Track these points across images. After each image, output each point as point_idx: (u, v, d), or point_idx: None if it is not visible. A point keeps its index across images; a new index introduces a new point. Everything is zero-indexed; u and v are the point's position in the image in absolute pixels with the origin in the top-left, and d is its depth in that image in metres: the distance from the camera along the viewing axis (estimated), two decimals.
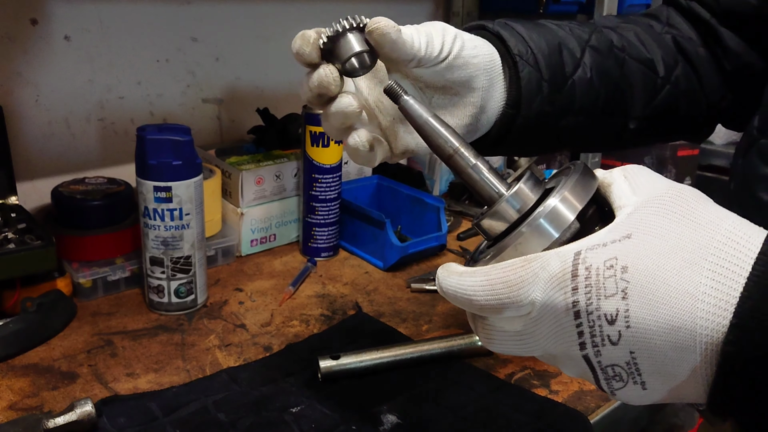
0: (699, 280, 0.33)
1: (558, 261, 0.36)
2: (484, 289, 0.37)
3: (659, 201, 0.36)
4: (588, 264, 0.35)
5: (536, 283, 0.36)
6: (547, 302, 0.36)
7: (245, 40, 1.22)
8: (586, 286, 0.35)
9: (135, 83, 1.11)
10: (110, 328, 0.85)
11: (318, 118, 1.01)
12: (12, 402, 0.70)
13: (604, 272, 0.34)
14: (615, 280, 0.34)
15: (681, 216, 0.35)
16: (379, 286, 0.99)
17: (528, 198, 0.40)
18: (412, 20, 0.54)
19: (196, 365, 0.78)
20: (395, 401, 0.71)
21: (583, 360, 0.36)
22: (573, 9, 1.42)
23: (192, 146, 0.85)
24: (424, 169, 1.36)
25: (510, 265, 0.37)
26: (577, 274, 0.35)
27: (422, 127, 0.44)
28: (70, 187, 0.97)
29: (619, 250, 0.35)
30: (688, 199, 0.36)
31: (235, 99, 1.24)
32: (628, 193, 0.37)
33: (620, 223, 0.36)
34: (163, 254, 0.86)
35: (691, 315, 0.33)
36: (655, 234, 0.34)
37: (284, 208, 1.10)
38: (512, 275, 0.36)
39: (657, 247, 0.34)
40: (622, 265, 0.34)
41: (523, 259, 0.37)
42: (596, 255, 0.35)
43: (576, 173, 0.40)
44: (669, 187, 0.37)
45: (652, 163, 1.42)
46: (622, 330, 0.34)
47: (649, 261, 0.34)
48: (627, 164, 0.41)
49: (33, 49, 1.00)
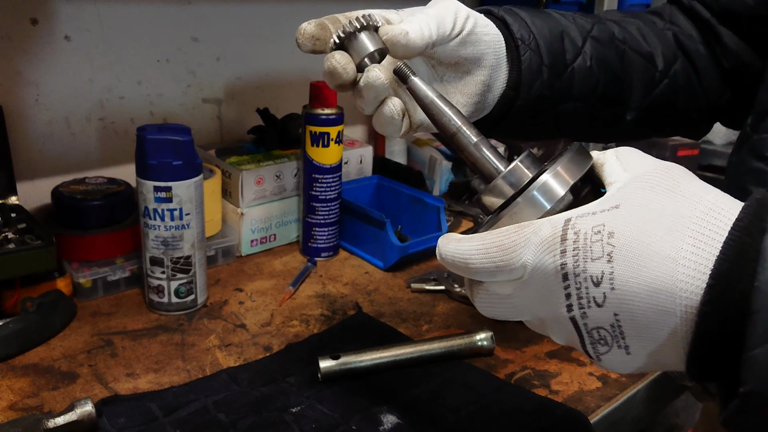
0: (680, 245, 0.34)
1: (549, 226, 0.38)
2: (480, 253, 0.40)
3: (647, 176, 0.38)
4: (577, 229, 0.37)
5: (528, 247, 0.38)
6: (537, 265, 0.38)
7: (246, 40, 1.22)
8: (574, 249, 0.37)
9: (135, 83, 1.11)
10: (110, 328, 0.85)
11: (318, 119, 1.01)
12: (12, 402, 0.70)
13: (591, 237, 0.36)
14: (602, 244, 0.36)
15: (667, 189, 0.37)
16: (380, 286, 0.99)
17: (524, 174, 0.43)
18: None
19: (196, 365, 0.78)
20: (395, 401, 0.71)
21: (570, 322, 0.38)
22: (573, 9, 1.42)
23: (192, 146, 0.85)
24: (424, 169, 1.36)
25: (504, 231, 0.39)
26: (566, 238, 0.37)
27: (428, 106, 0.47)
28: (70, 187, 0.97)
29: (607, 217, 0.36)
30: (674, 174, 0.38)
31: (235, 99, 1.24)
32: (619, 170, 0.40)
33: (610, 195, 0.38)
34: (163, 254, 0.86)
35: (671, 278, 0.34)
36: (642, 204, 0.36)
37: (284, 208, 1.10)
38: (506, 239, 0.39)
39: (643, 215, 0.36)
40: (608, 230, 0.36)
41: (516, 225, 0.39)
42: (585, 221, 0.37)
43: (571, 152, 0.42)
44: (657, 164, 0.39)
45: None
46: (606, 292, 0.36)
47: (634, 227, 0.35)
48: None
49: (33, 49, 1.00)
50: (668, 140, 1.41)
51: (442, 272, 0.99)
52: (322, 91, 1.01)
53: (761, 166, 0.57)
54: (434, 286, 0.97)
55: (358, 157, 1.23)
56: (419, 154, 1.39)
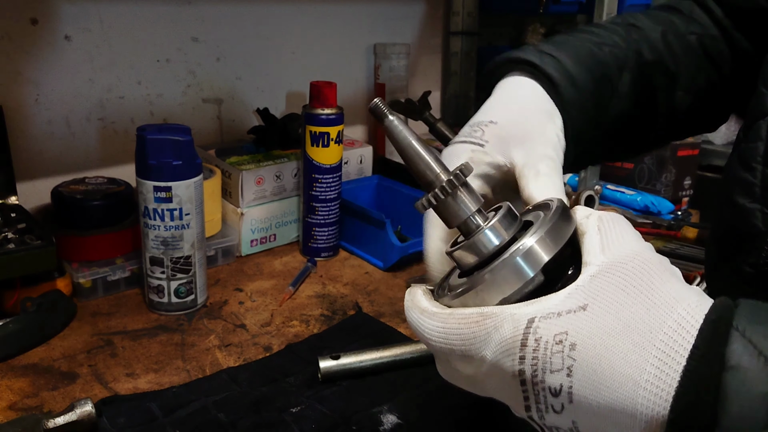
0: (644, 366, 0.33)
1: (511, 325, 0.36)
2: (440, 336, 0.39)
3: (622, 270, 0.36)
4: (538, 336, 0.35)
5: (488, 343, 0.37)
6: (495, 363, 0.37)
7: (245, 40, 1.22)
8: (533, 358, 0.35)
9: (135, 83, 1.11)
10: (110, 328, 0.85)
11: (318, 119, 1.01)
12: (12, 402, 0.70)
13: (552, 346, 0.35)
14: (562, 356, 0.35)
15: (639, 292, 0.35)
16: (380, 286, 0.99)
17: (500, 236, 0.40)
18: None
19: (196, 365, 0.78)
20: (395, 401, 0.71)
21: (529, 418, 0.38)
22: (573, 9, 1.42)
23: (192, 146, 0.85)
24: None
25: (466, 318, 0.38)
26: (526, 344, 0.35)
27: (405, 149, 0.43)
28: (70, 187, 0.97)
29: (572, 323, 0.35)
30: (651, 272, 0.36)
31: (235, 99, 1.24)
32: (597, 249, 0.38)
33: (580, 287, 0.36)
34: (163, 254, 0.86)
35: (632, 401, 0.33)
36: (610, 310, 0.35)
37: (284, 208, 1.10)
38: (466, 330, 0.38)
39: (609, 325, 0.34)
40: (571, 341, 0.34)
41: (479, 314, 0.37)
42: (548, 326, 0.35)
43: (552, 219, 0.39)
44: (636, 254, 0.37)
45: (653, 163, 1.42)
46: (564, 403, 0.35)
47: (598, 340, 0.34)
48: (605, 210, 0.41)
49: (33, 49, 1.00)
50: None
51: None
52: (322, 91, 1.01)
53: (748, 177, 0.55)
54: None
55: (358, 157, 1.23)
56: None
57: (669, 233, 1.20)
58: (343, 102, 1.04)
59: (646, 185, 1.44)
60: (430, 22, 1.51)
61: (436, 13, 1.51)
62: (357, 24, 1.37)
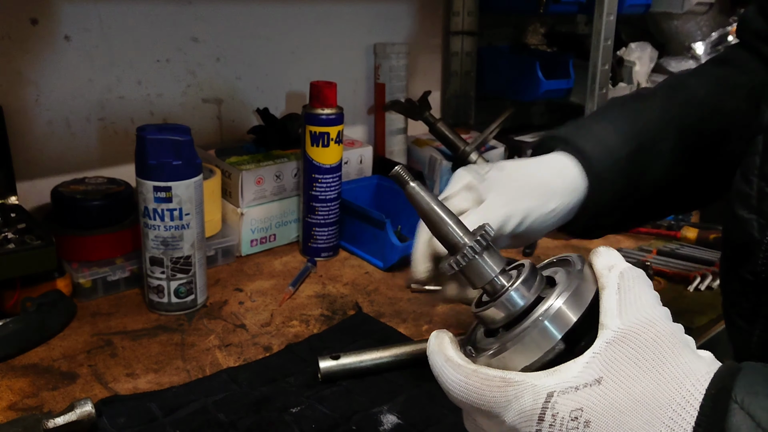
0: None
1: (531, 398, 0.38)
2: (461, 389, 0.41)
3: (636, 341, 0.37)
4: (556, 411, 0.37)
5: (508, 409, 0.39)
6: (514, 427, 0.39)
7: (245, 40, 1.22)
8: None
9: (135, 83, 1.11)
10: (110, 328, 0.85)
11: (318, 119, 1.01)
12: (12, 402, 0.70)
13: (568, 423, 0.37)
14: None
15: (651, 366, 0.37)
16: (380, 286, 0.99)
17: (525, 297, 0.42)
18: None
19: (196, 365, 0.78)
20: (395, 401, 0.71)
21: None
22: (573, 9, 1.42)
23: (192, 146, 0.85)
24: (424, 169, 1.36)
25: (489, 380, 0.40)
26: (544, 419, 0.37)
27: (427, 214, 0.45)
28: (70, 187, 0.97)
29: (587, 399, 0.37)
30: (663, 345, 0.37)
31: (235, 99, 1.24)
32: (614, 312, 0.39)
33: (597, 355, 0.38)
34: (163, 254, 0.86)
35: None
36: (622, 385, 0.37)
37: (284, 208, 1.10)
38: (488, 392, 0.39)
39: (621, 402, 0.36)
40: (585, 418, 0.36)
41: (501, 379, 0.39)
42: (565, 402, 0.37)
43: (573, 283, 0.41)
44: (651, 323, 0.38)
45: None
46: None
47: (611, 418, 0.36)
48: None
49: (33, 49, 1.00)
50: None
51: None
52: (322, 91, 1.01)
53: (746, 189, 0.56)
54: (434, 286, 0.97)
55: (358, 157, 1.23)
56: (419, 154, 1.39)
57: (669, 233, 1.20)
58: (343, 102, 1.04)
59: None
60: (430, 22, 1.50)
61: (436, 13, 1.51)
62: (357, 24, 1.37)
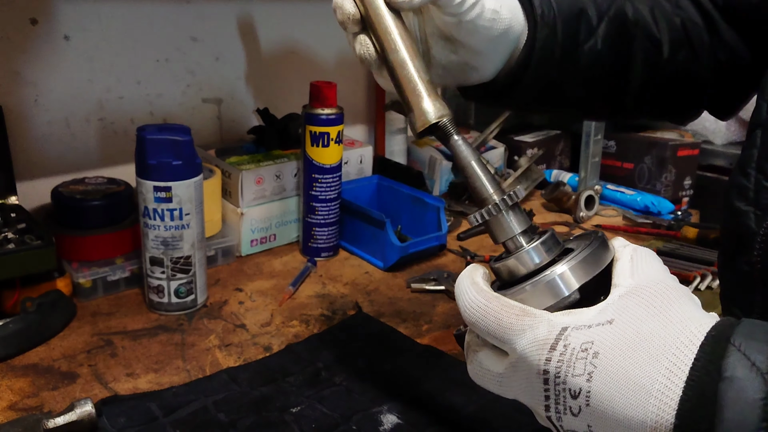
0: (656, 377, 0.36)
1: (546, 328, 0.40)
2: (479, 312, 0.43)
3: (646, 292, 0.40)
4: (568, 342, 0.39)
5: (521, 337, 0.41)
6: (524, 356, 0.41)
7: (245, 40, 1.22)
8: (559, 361, 0.39)
9: (135, 83, 1.11)
10: (110, 328, 0.85)
11: (318, 119, 1.01)
12: (12, 402, 0.70)
13: (578, 353, 0.39)
14: (585, 363, 0.38)
15: (659, 310, 0.39)
16: (379, 286, 0.99)
17: (541, 257, 0.46)
18: None
19: (196, 365, 0.78)
20: (395, 401, 0.71)
21: (547, 420, 0.41)
22: None
23: (192, 146, 0.85)
24: (424, 169, 1.36)
25: (509, 307, 0.42)
26: (556, 347, 0.39)
27: (465, 168, 0.48)
28: (70, 187, 0.97)
29: (598, 334, 0.39)
30: (671, 295, 0.40)
31: (235, 99, 1.24)
32: (627, 274, 0.42)
33: (610, 304, 0.40)
34: (163, 254, 0.86)
35: (643, 408, 0.36)
36: (632, 324, 0.39)
37: (284, 208, 1.10)
38: (505, 318, 0.42)
39: (629, 338, 0.38)
40: (595, 350, 0.38)
41: (521, 309, 0.42)
42: (578, 336, 0.39)
43: (592, 245, 0.44)
44: (660, 280, 0.41)
45: (653, 164, 1.42)
46: (582, 406, 0.39)
47: (618, 351, 0.38)
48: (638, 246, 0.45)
49: (33, 49, 1.00)
50: (668, 140, 1.41)
51: (442, 272, 0.99)
52: (322, 91, 1.01)
53: (744, 182, 0.57)
54: (434, 286, 0.97)
55: (358, 157, 1.23)
56: (419, 154, 1.40)
57: (669, 233, 1.20)
58: (343, 102, 1.04)
59: (646, 185, 1.44)
60: None
61: None
62: None
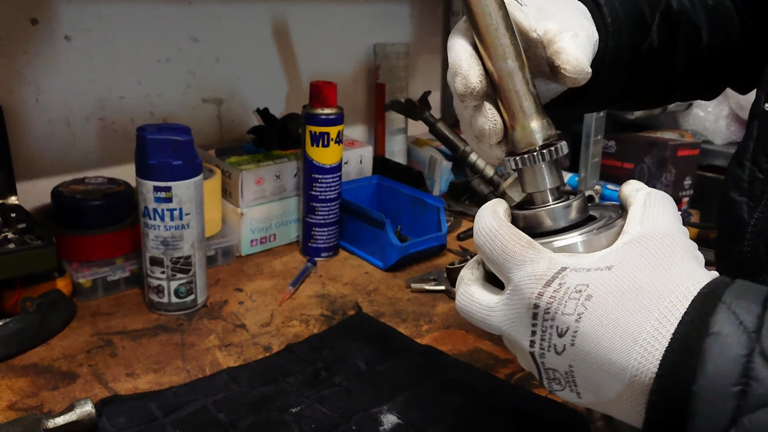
0: (644, 326, 0.36)
1: (545, 265, 0.40)
2: (488, 235, 0.43)
3: (651, 242, 0.40)
4: (564, 281, 0.39)
5: (520, 268, 0.41)
6: (518, 287, 0.41)
7: (245, 40, 1.22)
8: (551, 297, 0.39)
9: (135, 83, 1.11)
10: (110, 328, 0.85)
11: (318, 119, 1.01)
12: (12, 402, 0.70)
13: (572, 293, 0.39)
14: (577, 303, 0.38)
15: (660, 263, 0.39)
16: (379, 286, 0.99)
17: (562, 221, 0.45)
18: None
19: (196, 365, 0.78)
20: (395, 401, 0.71)
21: (530, 356, 0.41)
22: None
23: (192, 146, 0.85)
24: (424, 169, 1.36)
25: (517, 237, 0.42)
26: (551, 284, 0.39)
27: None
28: (70, 187, 0.97)
29: (595, 278, 0.39)
30: (675, 249, 0.39)
31: (235, 99, 1.24)
32: (636, 221, 0.41)
33: (613, 251, 0.40)
34: (163, 254, 0.86)
35: (627, 354, 0.37)
36: (630, 273, 0.38)
37: (284, 208, 1.10)
38: (510, 246, 0.42)
39: (625, 286, 0.38)
40: (588, 293, 0.38)
41: (528, 242, 0.41)
42: (575, 277, 0.39)
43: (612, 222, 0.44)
44: (668, 232, 0.40)
45: (653, 163, 1.42)
46: (567, 345, 0.39)
47: (612, 297, 0.38)
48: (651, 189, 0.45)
49: (33, 49, 1.00)
50: (668, 140, 1.41)
51: (441, 272, 0.99)
52: (322, 91, 1.01)
53: (739, 173, 0.58)
54: (434, 286, 0.97)
55: (358, 157, 1.23)
56: (419, 154, 1.39)
57: None
58: (343, 102, 1.04)
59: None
60: (430, 22, 1.50)
61: (436, 13, 1.51)
62: (357, 24, 1.37)
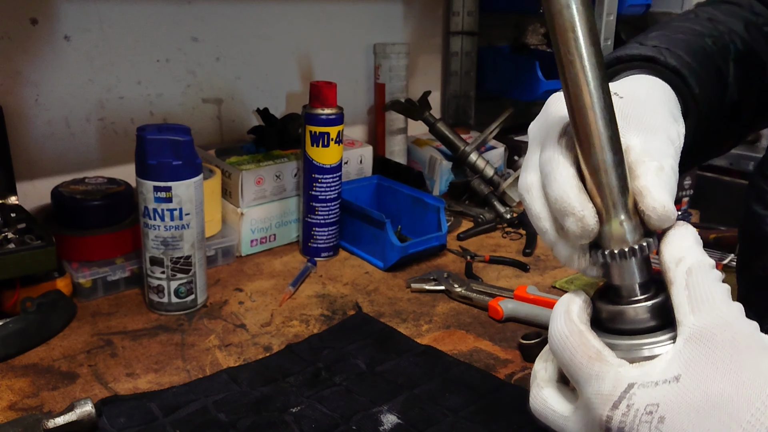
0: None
1: (611, 383, 0.38)
2: (559, 342, 0.41)
3: (713, 342, 0.37)
4: (632, 402, 0.37)
5: (588, 382, 0.39)
6: (588, 404, 0.39)
7: (245, 40, 1.22)
8: (621, 422, 0.37)
9: (135, 83, 1.11)
10: (110, 328, 0.85)
11: (318, 119, 1.01)
12: (12, 402, 0.70)
13: (642, 416, 0.37)
14: (650, 427, 0.36)
15: (728, 369, 0.36)
16: (379, 286, 0.99)
17: (649, 322, 0.41)
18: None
19: (196, 365, 0.78)
20: (395, 401, 0.71)
21: None
22: None
23: (192, 146, 0.85)
24: (424, 169, 1.36)
25: (585, 346, 0.40)
26: (618, 407, 0.37)
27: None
28: (70, 187, 0.97)
29: (664, 395, 0.36)
30: (740, 347, 0.36)
31: (235, 99, 1.24)
32: (686, 308, 0.38)
33: (676, 356, 0.37)
34: (163, 254, 0.86)
35: None
36: (700, 385, 0.36)
37: (284, 208, 1.10)
38: (578, 356, 0.40)
39: (697, 402, 0.35)
40: (660, 414, 0.36)
41: (596, 352, 0.40)
42: (643, 395, 0.37)
43: None
44: (726, 324, 0.37)
45: None
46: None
47: (686, 417, 0.35)
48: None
49: (33, 49, 1.00)
50: None
51: (441, 272, 0.99)
52: (321, 91, 1.01)
53: (762, 186, 0.56)
54: (434, 286, 0.97)
55: (358, 157, 1.23)
56: (419, 154, 1.39)
57: None
58: (343, 102, 1.04)
59: None
60: (430, 22, 1.50)
61: (436, 13, 1.51)
62: (357, 24, 1.37)
